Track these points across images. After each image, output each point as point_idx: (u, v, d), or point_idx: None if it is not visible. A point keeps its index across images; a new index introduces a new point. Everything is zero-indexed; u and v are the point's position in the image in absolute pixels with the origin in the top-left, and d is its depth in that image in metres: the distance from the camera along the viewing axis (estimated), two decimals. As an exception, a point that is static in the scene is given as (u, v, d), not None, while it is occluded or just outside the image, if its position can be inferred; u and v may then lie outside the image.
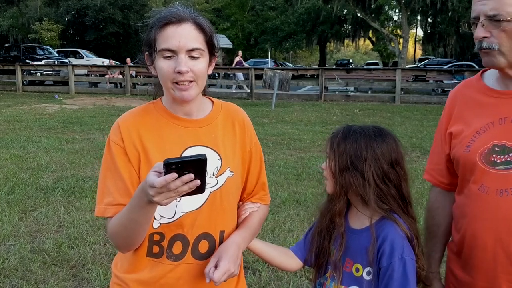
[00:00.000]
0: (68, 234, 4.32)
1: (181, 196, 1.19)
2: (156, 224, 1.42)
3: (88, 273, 3.57)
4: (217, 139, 1.49)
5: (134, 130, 1.43)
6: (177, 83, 1.37)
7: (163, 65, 1.36)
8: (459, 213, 1.53)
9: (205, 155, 1.15)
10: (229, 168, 1.49)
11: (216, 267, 1.40)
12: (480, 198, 1.41)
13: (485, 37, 1.39)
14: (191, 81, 1.38)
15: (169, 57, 1.36)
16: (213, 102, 1.56)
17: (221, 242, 1.48)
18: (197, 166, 1.15)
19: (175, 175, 1.12)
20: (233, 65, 21.82)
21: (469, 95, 1.55)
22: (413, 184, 6.02)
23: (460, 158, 1.48)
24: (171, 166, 1.12)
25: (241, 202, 1.63)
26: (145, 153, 1.41)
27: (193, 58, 1.36)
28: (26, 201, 5.28)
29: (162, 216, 1.42)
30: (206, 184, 1.42)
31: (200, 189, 1.19)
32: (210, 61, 1.44)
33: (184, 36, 1.35)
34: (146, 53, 1.44)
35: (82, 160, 7.25)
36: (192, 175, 1.14)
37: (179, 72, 1.34)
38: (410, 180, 5.29)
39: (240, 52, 23.62)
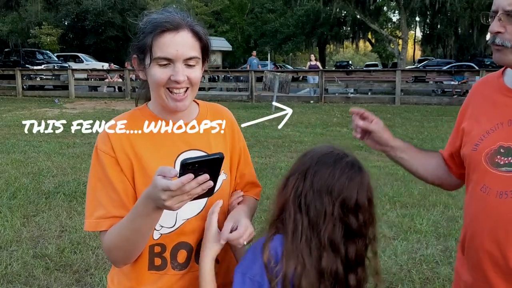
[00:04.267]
0: (70, 239, 4.31)
1: (191, 200, 1.15)
2: (156, 235, 1.38)
3: (91, 278, 3.57)
4: (209, 141, 1.46)
5: (125, 138, 1.37)
6: (171, 91, 1.33)
7: (157, 73, 1.32)
8: (465, 212, 1.53)
9: (222, 153, 1.12)
10: (223, 171, 1.46)
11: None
12: (481, 199, 1.41)
13: (499, 32, 1.37)
14: (186, 90, 1.35)
15: (164, 65, 1.32)
16: (198, 104, 1.53)
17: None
18: (213, 165, 1.11)
19: (191, 176, 1.08)
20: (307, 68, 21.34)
21: (486, 92, 1.53)
22: (415, 185, 6.02)
23: (467, 156, 1.48)
24: (188, 166, 1.08)
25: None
26: (139, 161, 1.36)
27: (189, 66, 1.34)
28: (28, 206, 5.27)
29: (162, 226, 1.37)
30: None
31: (210, 191, 1.15)
32: (202, 65, 1.41)
33: (181, 44, 1.32)
34: (135, 56, 1.39)
35: (83, 164, 7.24)
36: (207, 176, 1.10)
37: (176, 81, 1.32)
38: (412, 182, 5.26)
39: (312, 56, 22.79)
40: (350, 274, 1.26)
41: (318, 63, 21.75)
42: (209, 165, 1.11)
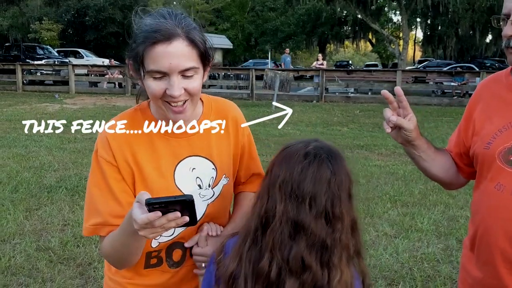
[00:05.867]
0: (73, 232, 4.32)
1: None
2: (155, 243, 1.38)
3: (94, 271, 3.58)
4: (210, 145, 1.42)
5: (125, 145, 1.33)
6: (169, 102, 1.27)
7: (152, 86, 1.25)
8: (475, 209, 1.53)
9: (191, 196, 1.08)
10: (224, 175, 1.45)
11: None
12: (495, 196, 1.41)
13: None
14: (185, 102, 1.28)
15: (159, 78, 1.24)
16: (202, 101, 1.46)
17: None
18: (184, 205, 1.08)
19: (158, 213, 1.05)
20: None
21: (496, 91, 1.53)
22: (416, 185, 6.04)
23: (479, 154, 1.48)
24: (154, 205, 1.05)
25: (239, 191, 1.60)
26: (140, 170, 1.33)
27: (187, 77, 1.25)
28: (30, 200, 5.28)
29: (161, 235, 1.32)
30: (202, 196, 1.40)
31: (191, 222, 1.11)
32: (204, 71, 1.33)
33: (175, 56, 1.21)
34: (131, 63, 1.30)
35: (85, 159, 7.25)
36: (178, 214, 1.07)
37: (171, 96, 1.24)
38: (413, 181, 5.29)
39: (320, 56, 22.49)
40: (290, 279, 1.12)
41: (325, 63, 21.68)
42: (179, 205, 1.07)
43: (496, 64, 29.22)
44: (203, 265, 1.38)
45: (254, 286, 1.14)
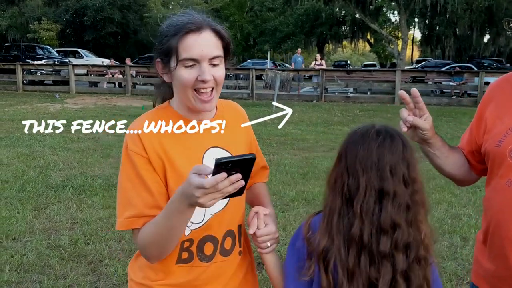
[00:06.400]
0: (82, 230, 4.39)
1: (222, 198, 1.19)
2: (187, 231, 1.42)
3: (106, 268, 3.64)
4: (227, 138, 1.52)
5: (155, 138, 1.40)
6: (198, 92, 1.37)
7: (184, 74, 1.35)
8: (487, 205, 1.60)
9: (254, 154, 1.17)
10: None
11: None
12: (506, 192, 1.47)
13: None
14: (212, 90, 1.38)
15: (190, 66, 1.35)
16: None
17: (239, 235, 1.53)
18: (245, 165, 1.15)
19: (225, 175, 1.12)
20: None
21: (507, 90, 1.59)
22: (419, 183, 6.10)
23: (491, 152, 1.54)
24: (222, 166, 1.12)
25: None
26: (170, 161, 1.39)
27: (214, 65, 1.37)
28: (37, 198, 5.34)
29: (192, 223, 1.41)
30: None
31: (241, 191, 1.18)
32: (224, 64, 1.44)
33: (205, 44, 1.35)
34: (158, 60, 1.41)
35: (89, 159, 7.31)
36: (239, 175, 1.14)
37: (203, 81, 1.35)
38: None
39: (318, 56, 22.56)
40: (383, 237, 1.26)
41: (324, 62, 21.70)
42: (241, 165, 1.15)
43: (494, 64, 29.34)
44: (269, 243, 1.46)
45: (348, 252, 1.27)
